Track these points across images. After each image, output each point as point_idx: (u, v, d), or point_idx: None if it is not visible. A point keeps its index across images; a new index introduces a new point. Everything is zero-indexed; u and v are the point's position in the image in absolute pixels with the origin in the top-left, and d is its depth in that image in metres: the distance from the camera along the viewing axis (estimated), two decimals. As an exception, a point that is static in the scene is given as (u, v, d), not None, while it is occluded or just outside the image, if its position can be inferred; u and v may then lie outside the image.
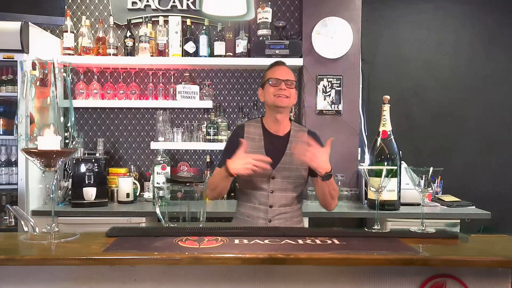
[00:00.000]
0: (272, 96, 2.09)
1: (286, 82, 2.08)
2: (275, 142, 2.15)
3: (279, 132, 2.17)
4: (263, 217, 2.13)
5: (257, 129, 2.19)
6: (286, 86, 2.08)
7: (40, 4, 3.12)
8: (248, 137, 2.16)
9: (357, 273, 1.43)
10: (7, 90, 3.01)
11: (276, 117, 2.13)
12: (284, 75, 2.11)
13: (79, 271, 1.40)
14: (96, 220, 2.86)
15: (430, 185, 1.67)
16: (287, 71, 2.15)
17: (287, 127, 2.19)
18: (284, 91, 2.07)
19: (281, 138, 2.17)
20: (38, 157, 1.45)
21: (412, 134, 3.68)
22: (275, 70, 2.14)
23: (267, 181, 2.11)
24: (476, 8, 3.71)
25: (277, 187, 2.11)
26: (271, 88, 2.10)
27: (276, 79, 2.09)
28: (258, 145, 2.14)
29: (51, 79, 1.59)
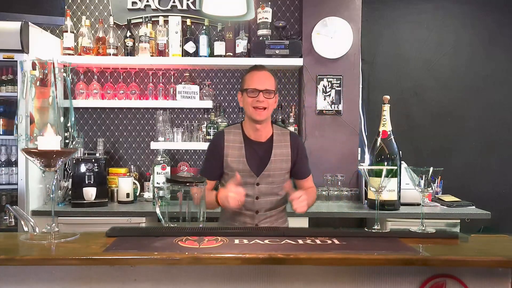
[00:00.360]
0: (250, 108, 2.05)
1: (264, 92, 2.02)
2: (257, 149, 2.12)
3: (261, 138, 2.13)
4: (249, 222, 2.13)
5: (237, 136, 2.14)
6: (264, 96, 2.02)
7: (40, 4, 3.12)
8: (229, 145, 2.11)
9: (357, 273, 1.43)
10: (7, 90, 3.01)
11: (255, 127, 2.10)
12: (262, 83, 2.04)
13: (79, 271, 1.40)
14: (96, 220, 2.86)
15: (430, 185, 1.67)
16: (266, 78, 2.07)
17: (269, 132, 2.15)
18: (262, 102, 2.02)
19: (263, 144, 2.13)
20: (38, 157, 1.45)
21: (412, 134, 3.68)
22: (253, 77, 2.07)
23: (251, 188, 2.09)
24: (476, 8, 3.71)
25: (262, 193, 2.11)
26: (249, 99, 2.05)
27: (253, 89, 2.03)
28: (239, 154, 2.10)
29: (51, 79, 1.59)
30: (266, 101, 2.03)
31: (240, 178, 1.99)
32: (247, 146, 2.12)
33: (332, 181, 3.21)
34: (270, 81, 2.07)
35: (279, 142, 2.14)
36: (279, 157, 2.13)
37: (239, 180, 1.98)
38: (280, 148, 2.13)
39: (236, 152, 2.11)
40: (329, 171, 3.26)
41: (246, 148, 2.11)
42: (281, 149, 2.13)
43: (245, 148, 2.11)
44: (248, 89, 2.05)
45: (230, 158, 2.10)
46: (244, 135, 2.14)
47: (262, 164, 2.10)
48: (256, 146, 2.12)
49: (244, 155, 2.10)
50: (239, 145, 2.12)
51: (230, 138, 2.14)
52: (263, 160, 2.11)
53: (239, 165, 2.10)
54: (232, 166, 2.10)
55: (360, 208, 2.99)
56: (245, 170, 2.09)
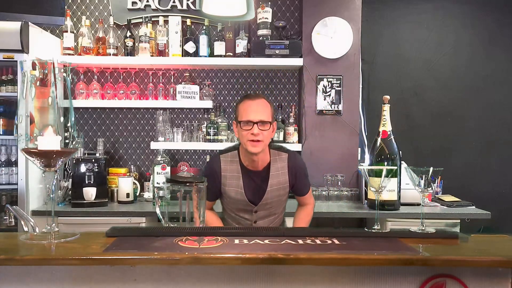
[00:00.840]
0: (246, 141, 1.95)
1: (259, 124, 1.93)
2: (255, 178, 2.07)
3: (258, 167, 2.06)
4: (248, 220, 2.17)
5: (234, 165, 2.07)
6: (259, 129, 1.92)
7: (40, 4, 3.12)
8: (226, 175, 2.07)
9: (357, 273, 1.43)
10: (7, 90, 3.01)
11: (252, 158, 2.03)
12: (257, 114, 1.94)
13: (79, 271, 1.40)
14: (96, 220, 2.86)
15: (430, 185, 1.67)
16: (260, 107, 1.96)
17: (266, 160, 2.08)
18: (257, 135, 1.92)
19: (260, 173, 2.06)
20: (38, 157, 1.45)
21: (412, 134, 3.68)
22: (247, 108, 1.96)
23: (249, 214, 2.12)
24: (476, 8, 3.71)
25: (260, 217, 2.14)
26: (243, 131, 1.95)
27: (247, 122, 1.94)
28: (236, 183, 2.06)
29: (51, 79, 1.59)
30: (261, 134, 1.93)
31: None
32: (244, 175, 2.06)
33: (332, 181, 3.21)
34: (265, 111, 1.97)
35: (276, 171, 2.07)
36: (276, 186, 2.09)
37: None
38: (277, 177, 2.08)
39: (234, 181, 2.06)
40: (329, 171, 3.26)
41: (243, 178, 2.06)
42: (278, 178, 2.08)
43: (242, 178, 2.06)
44: (242, 121, 1.96)
45: (227, 187, 2.08)
46: (241, 164, 2.07)
47: (259, 195, 2.06)
48: (253, 175, 2.06)
49: (242, 186, 2.05)
50: (236, 175, 2.06)
51: (227, 167, 2.08)
52: (260, 190, 2.07)
53: (237, 195, 2.08)
54: (230, 194, 2.09)
55: (360, 208, 2.99)
56: (243, 200, 2.08)
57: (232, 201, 2.11)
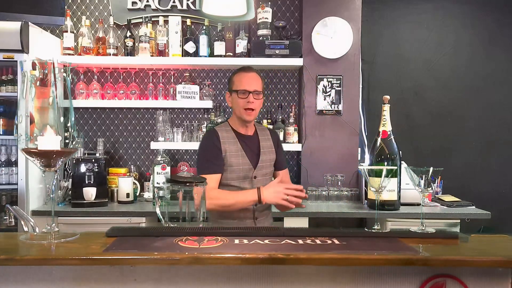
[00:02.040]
0: (241, 109, 2.15)
1: (254, 93, 2.12)
2: (249, 142, 2.24)
3: (248, 132, 2.26)
4: (249, 217, 2.19)
5: (229, 133, 2.23)
6: (254, 97, 2.12)
7: (40, 4, 3.12)
8: (225, 141, 2.19)
9: (357, 273, 1.43)
10: (7, 90, 3.01)
11: (245, 124, 2.23)
12: (252, 84, 2.13)
13: (79, 271, 1.40)
14: (96, 220, 2.86)
15: (430, 185, 1.67)
16: (254, 79, 2.16)
17: (253, 127, 2.30)
18: (251, 104, 2.12)
19: (252, 137, 2.26)
20: (38, 157, 1.45)
21: (412, 134, 3.68)
22: (243, 78, 2.16)
23: (249, 182, 2.18)
24: (476, 8, 3.71)
25: (258, 185, 2.15)
26: (239, 100, 2.14)
27: (244, 90, 2.13)
28: (236, 148, 2.19)
29: (51, 79, 1.59)
30: (255, 102, 2.14)
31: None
32: (240, 140, 2.22)
33: (332, 181, 3.21)
34: (258, 82, 2.17)
35: (263, 136, 2.29)
36: (267, 149, 2.27)
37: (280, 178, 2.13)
38: (265, 141, 2.28)
39: (233, 147, 2.19)
40: (329, 171, 3.26)
41: (240, 142, 2.21)
42: (266, 142, 2.29)
43: (240, 142, 2.21)
44: (239, 91, 2.14)
45: (229, 153, 2.17)
46: (234, 131, 2.23)
47: (256, 156, 2.22)
48: (247, 140, 2.24)
49: (241, 149, 2.19)
50: (233, 140, 2.21)
51: (224, 134, 2.21)
52: (256, 152, 2.23)
53: (239, 159, 2.17)
54: (232, 161, 2.16)
55: (360, 208, 2.99)
56: (245, 163, 2.18)
57: (234, 169, 2.17)
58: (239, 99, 2.13)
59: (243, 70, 2.19)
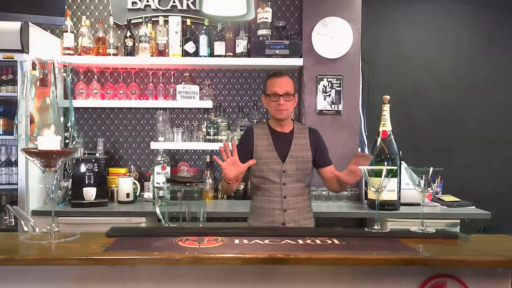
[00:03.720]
0: (273, 110, 2.31)
1: (284, 96, 2.27)
2: (282, 138, 2.37)
3: (284, 130, 2.39)
4: (278, 208, 2.29)
5: (265, 130, 2.40)
6: (284, 100, 2.27)
7: (40, 4, 3.12)
8: (258, 137, 2.37)
9: (357, 273, 1.43)
10: (7, 90, 3.01)
11: (279, 122, 2.37)
12: (282, 88, 2.28)
13: (79, 271, 1.40)
14: (96, 220, 2.86)
15: (430, 185, 1.67)
16: (285, 83, 2.31)
17: (290, 125, 2.42)
18: (282, 105, 2.27)
19: (286, 134, 2.39)
20: (38, 157, 1.45)
21: (412, 134, 3.68)
22: (274, 83, 2.31)
23: (279, 175, 2.30)
24: (476, 8, 3.71)
25: (288, 180, 2.30)
26: (271, 103, 2.30)
27: (274, 94, 2.28)
28: (267, 143, 2.35)
29: (51, 79, 1.59)
30: (286, 104, 2.29)
31: (234, 144, 2.14)
32: (273, 136, 2.37)
33: (332, 181, 3.21)
34: (289, 85, 2.32)
35: (299, 134, 2.41)
36: (299, 146, 2.37)
37: (236, 152, 2.11)
38: (299, 139, 2.39)
39: (265, 142, 2.36)
40: (329, 171, 3.25)
41: (273, 138, 2.36)
42: (300, 140, 2.39)
43: (272, 138, 2.36)
44: (270, 94, 2.30)
45: (260, 147, 2.34)
46: (270, 128, 2.40)
47: (286, 151, 2.34)
48: (280, 136, 2.38)
49: (272, 144, 2.35)
50: (266, 137, 2.37)
51: (259, 131, 2.40)
52: (287, 148, 2.35)
53: (268, 153, 2.32)
54: (261, 154, 2.32)
55: (360, 208, 2.99)
56: (274, 156, 2.31)
57: (264, 162, 2.31)
58: (271, 102, 2.30)
59: (274, 75, 2.35)
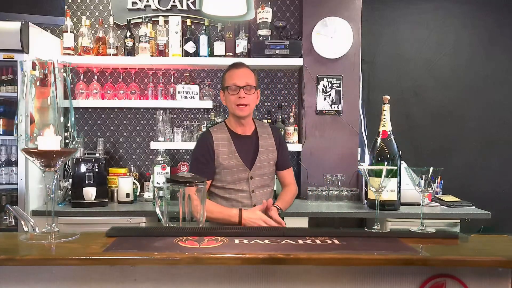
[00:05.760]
0: (233, 105, 2.10)
1: (245, 88, 2.08)
2: (246, 142, 2.18)
3: (246, 131, 2.20)
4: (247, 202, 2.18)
5: (224, 134, 2.18)
6: (245, 92, 2.08)
7: (40, 4, 3.12)
8: (218, 143, 2.15)
9: (357, 273, 1.43)
10: (7, 90, 3.01)
11: (240, 122, 2.17)
12: (242, 79, 2.09)
13: (79, 271, 1.40)
14: (96, 220, 2.86)
15: (430, 185, 1.67)
16: (245, 74, 2.12)
17: (252, 126, 2.23)
18: (243, 99, 2.07)
19: (250, 137, 2.20)
20: (38, 157, 1.45)
21: (412, 134, 3.68)
22: (233, 74, 2.12)
23: (246, 183, 2.14)
24: (476, 8, 3.71)
25: (256, 186, 2.16)
26: (231, 96, 2.10)
27: (234, 86, 2.09)
28: (229, 150, 2.14)
29: (51, 79, 1.59)
30: (247, 97, 2.09)
31: (270, 204, 2.02)
32: (235, 141, 2.17)
33: (332, 181, 3.21)
34: (250, 77, 2.12)
35: (263, 134, 2.22)
36: (266, 147, 2.21)
37: (265, 206, 2.01)
38: (265, 139, 2.22)
39: (226, 149, 2.14)
40: (329, 171, 3.26)
41: (235, 143, 2.16)
42: (266, 140, 2.22)
43: (234, 143, 2.16)
44: (229, 87, 2.10)
45: (221, 156, 2.13)
46: (230, 131, 2.19)
47: (252, 157, 2.16)
48: (244, 140, 2.18)
49: (235, 150, 2.14)
50: (227, 142, 2.16)
51: (218, 136, 2.17)
52: (253, 151, 2.17)
53: (232, 161, 2.13)
54: (225, 163, 2.13)
55: (360, 208, 2.99)
56: (238, 164, 2.13)
57: (228, 171, 2.12)
58: (230, 96, 2.10)
59: (233, 67, 2.16)
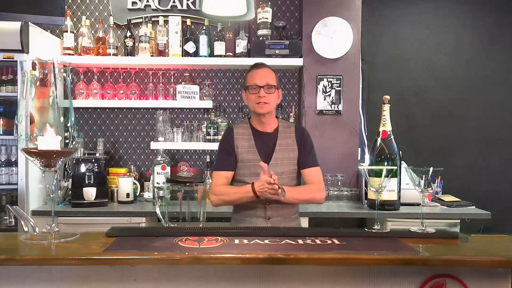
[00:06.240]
0: (254, 103, 2.15)
1: (265, 88, 2.12)
2: (265, 139, 2.22)
3: (266, 129, 2.23)
4: (261, 215, 2.16)
5: (246, 130, 2.25)
6: (265, 92, 2.12)
7: (40, 4, 3.12)
8: (238, 137, 2.22)
9: (357, 273, 1.43)
10: (7, 90, 3.01)
11: (260, 119, 2.21)
12: (263, 79, 2.13)
13: (79, 271, 1.40)
14: (96, 220, 2.86)
15: (430, 185, 1.67)
16: (266, 74, 2.16)
17: (274, 125, 2.25)
18: (263, 98, 2.12)
19: (270, 134, 2.23)
20: (38, 157, 1.45)
21: (412, 134, 3.68)
22: (254, 75, 2.17)
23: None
24: (476, 8, 3.71)
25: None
26: (251, 96, 2.16)
27: (255, 86, 2.13)
28: (249, 145, 2.20)
29: (51, 79, 1.59)
30: (267, 96, 2.13)
31: (266, 166, 2.02)
32: (256, 136, 2.22)
33: (332, 181, 3.21)
34: (270, 77, 2.16)
35: (284, 133, 2.24)
36: (285, 146, 2.21)
37: (265, 169, 2.01)
38: (285, 138, 2.22)
39: (246, 143, 2.20)
40: (329, 171, 3.25)
41: (255, 139, 2.21)
42: (286, 140, 2.22)
43: (254, 139, 2.21)
44: (250, 86, 2.15)
45: (240, 149, 2.19)
46: (252, 128, 2.24)
47: (270, 153, 2.19)
48: (264, 137, 2.22)
49: (254, 145, 2.20)
50: (248, 137, 2.22)
51: (239, 131, 2.24)
52: (271, 150, 2.19)
53: (249, 155, 2.18)
54: (243, 157, 2.18)
55: (360, 208, 2.99)
56: (256, 159, 2.16)
57: (245, 165, 2.17)
58: (251, 95, 2.16)
59: (255, 67, 2.21)
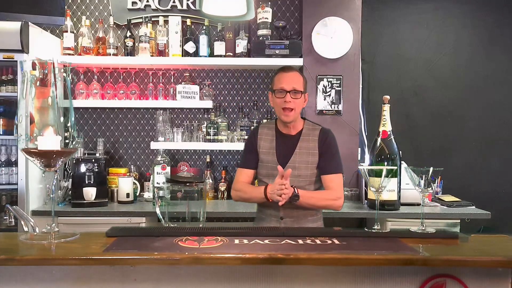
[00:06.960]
0: (279, 108, 2.12)
1: (291, 92, 2.08)
2: (287, 142, 2.19)
3: (291, 132, 2.21)
4: (275, 215, 2.17)
5: (270, 130, 2.24)
6: (291, 97, 2.08)
7: (40, 4, 3.12)
8: (261, 138, 2.23)
9: (357, 273, 1.43)
10: (7, 90, 3.01)
11: (286, 124, 2.19)
12: (290, 84, 2.09)
13: (79, 271, 1.40)
14: (96, 220, 2.86)
15: (430, 185, 1.67)
16: (294, 78, 2.12)
17: (299, 127, 2.21)
18: (289, 103, 2.07)
19: (293, 137, 2.20)
20: (38, 157, 1.45)
21: (412, 134, 3.68)
22: (281, 78, 2.13)
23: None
24: (476, 8, 3.71)
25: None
26: (277, 100, 2.11)
27: (281, 90, 2.09)
28: (270, 146, 2.20)
29: (51, 79, 1.59)
30: (293, 102, 2.08)
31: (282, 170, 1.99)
32: (278, 138, 2.20)
33: (332, 181, 3.21)
34: (298, 81, 2.12)
35: (307, 136, 2.19)
36: (305, 150, 2.16)
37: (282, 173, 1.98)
38: (307, 141, 2.17)
39: (268, 144, 2.20)
40: (329, 171, 3.25)
41: (277, 141, 2.20)
42: (307, 143, 2.17)
43: (276, 140, 2.20)
44: (276, 90, 2.12)
45: (262, 149, 2.20)
46: (276, 129, 2.23)
47: (288, 156, 2.16)
48: (286, 139, 2.20)
49: (274, 147, 2.19)
50: (270, 138, 2.21)
51: (264, 131, 2.24)
52: (290, 152, 2.17)
53: (269, 156, 2.18)
54: (263, 157, 2.20)
55: (360, 208, 2.99)
56: (273, 161, 2.15)
57: (264, 165, 2.19)
58: (277, 99, 2.11)
59: (283, 70, 2.16)
